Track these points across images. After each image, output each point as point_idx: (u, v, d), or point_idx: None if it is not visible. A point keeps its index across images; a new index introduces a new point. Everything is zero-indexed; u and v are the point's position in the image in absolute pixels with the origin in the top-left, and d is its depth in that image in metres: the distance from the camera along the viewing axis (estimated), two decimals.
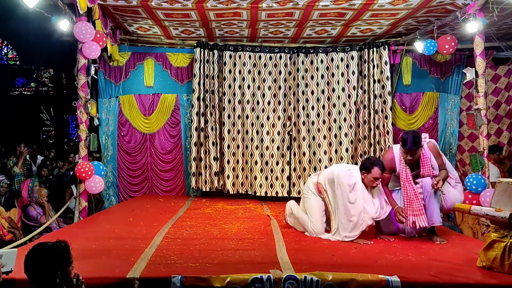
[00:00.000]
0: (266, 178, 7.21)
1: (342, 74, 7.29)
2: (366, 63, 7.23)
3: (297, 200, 4.87)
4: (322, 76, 7.32)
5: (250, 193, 7.26)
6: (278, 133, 7.28)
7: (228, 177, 7.24)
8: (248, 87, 7.30)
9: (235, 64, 7.32)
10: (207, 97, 7.26)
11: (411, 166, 4.22)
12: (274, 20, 6.35)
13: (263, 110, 7.31)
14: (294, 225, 4.60)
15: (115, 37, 7.03)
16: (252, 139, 7.28)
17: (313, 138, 7.28)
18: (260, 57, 7.34)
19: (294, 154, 7.23)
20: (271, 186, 7.20)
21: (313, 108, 7.30)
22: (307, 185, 4.58)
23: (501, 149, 6.95)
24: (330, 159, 7.24)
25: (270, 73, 7.33)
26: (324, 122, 7.31)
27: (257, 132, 7.29)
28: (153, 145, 7.60)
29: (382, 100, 7.17)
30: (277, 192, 7.18)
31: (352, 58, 7.28)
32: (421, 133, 4.36)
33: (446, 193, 4.23)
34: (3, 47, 18.73)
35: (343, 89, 7.28)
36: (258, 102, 7.31)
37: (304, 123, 7.28)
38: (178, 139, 7.65)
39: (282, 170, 7.20)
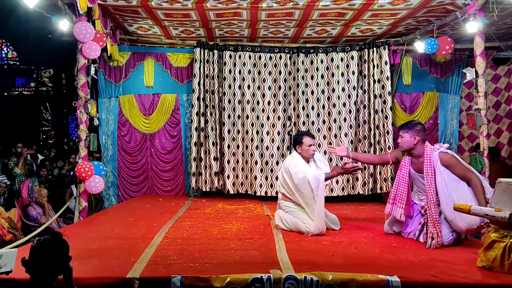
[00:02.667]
0: (266, 178, 7.21)
1: (342, 74, 7.30)
2: (366, 63, 7.24)
3: None
4: (322, 76, 7.32)
5: (250, 193, 7.26)
6: (278, 133, 7.28)
7: (228, 177, 7.24)
8: (248, 87, 7.30)
9: (235, 64, 7.32)
10: (207, 97, 7.26)
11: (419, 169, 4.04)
12: (274, 20, 6.35)
13: (263, 110, 7.31)
14: (289, 229, 4.58)
15: (115, 37, 7.03)
16: (252, 139, 7.28)
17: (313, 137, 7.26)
18: (260, 57, 7.34)
19: None
20: (271, 186, 7.20)
21: (313, 108, 7.30)
22: (278, 205, 4.77)
23: (499, 151, 6.89)
24: (330, 159, 7.24)
25: (270, 73, 7.34)
26: (324, 122, 7.31)
27: (257, 132, 7.29)
28: (153, 145, 7.60)
29: (382, 100, 7.17)
30: (277, 192, 7.16)
31: (352, 58, 7.28)
32: (419, 124, 4.11)
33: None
34: (3, 47, 18.74)
35: (343, 89, 7.28)
36: (258, 102, 7.31)
37: (304, 123, 7.28)
38: (178, 139, 7.66)
39: None
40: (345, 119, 7.27)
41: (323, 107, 7.31)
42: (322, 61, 7.33)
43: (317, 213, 4.36)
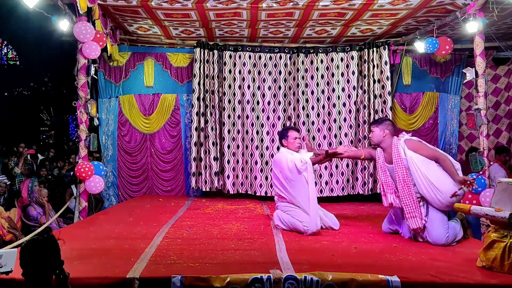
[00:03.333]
0: (266, 178, 7.21)
1: (342, 74, 7.29)
2: (366, 63, 7.24)
3: None
4: (322, 76, 7.32)
5: (250, 193, 7.26)
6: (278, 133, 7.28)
7: (228, 177, 7.24)
8: (248, 87, 7.30)
9: (235, 64, 7.32)
10: (207, 97, 7.26)
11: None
12: (274, 20, 6.35)
13: (263, 110, 7.31)
14: (288, 229, 4.59)
15: (115, 37, 7.03)
16: (252, 139, 7.28)
17: (313, 138, 7.27)
18: (260, 57, 7.34)
19: None
20: (271, 186, 7.18)
21: (313, 108, 7.30)
22: (276, 205, 4.81)
23: (508, 150, 6.86)
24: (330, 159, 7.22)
25: (270, 73, 7.33)
26: (324, 122, 7.31)
27: (257, 132, 7.29)
28: (153, 145, 7.60)
29: (382, 100, 7.17)
30: None
31: (352, 58, 7.28)
32: (389, 120, 4.49)
33: (441, 187, 3.99)
34: (3, 47, 18.74)
35: (343, 89, 7.28)
36: (258, 102, 7.32)
37: (304, 123, 7.28)
38: (178, 139, 7.66)
39: None
40: (345, 119, 7.27)
41: (323, 107, 7.30)
42: (322, 61, 7.33)
43: (311, 202, 4.44)
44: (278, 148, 7.21)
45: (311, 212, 4.43)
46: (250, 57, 7.32)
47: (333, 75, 7.30)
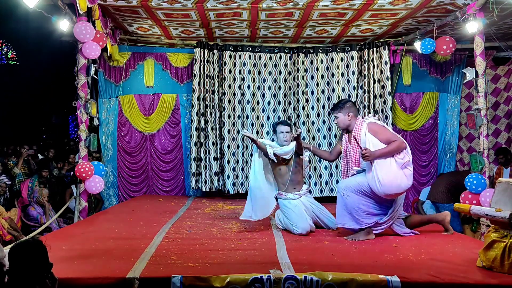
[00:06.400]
0: None
1: (342, 74, 7.29)
2: (366, 63, 7.23)
3: None
4: (322, 76, 7.32)
5: None
6: None
7: (228, 177, 7.24)
8: (248, 87, 7.30)
9: (235, 64, 7.32)
10: (207, 97, 7.26)
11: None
12: (274, 20, 6.35)
13: (263, 110, 7.32)
14: (284, 228, 4.60)
15: (115, 37, 7.03)
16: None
17: (313, 138, 7.28)
18: (260, 57, 7.34)
19: None
20: None
21: (313, 108, 7.30)
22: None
23: (506, 152, 6.85)
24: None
25: (270, 73, 7.33)
26: (324, 122, 7.31)
27: (257, 132, 7.29)
28: (153, 145, 7.60)
29: (382, 100, 7.17)
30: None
31: (352, 58, 7.27)
32: (349, 101, 4.40)
33: (382, 173, 3.95)
34: (3, 47, 18.73)
35: (343, 89, 7.28)
36: (258, 102, 7.32)
37: (304, 123, 7.28)
38: (178, 139, 7.66)
39: None
40: None
41: (323, 107, 7.30)
42: (322, 61, 7.33)
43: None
44: None
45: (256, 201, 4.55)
46: (250, 57, 7.32)
47: (333, 75, 7.30)
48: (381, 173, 3.96)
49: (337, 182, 7.17)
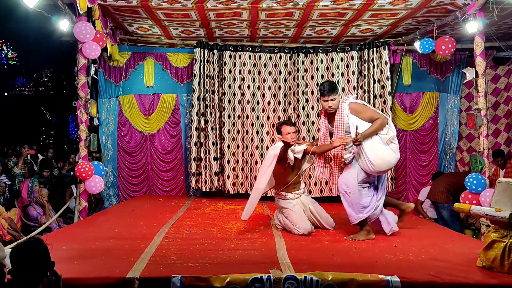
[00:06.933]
0: None
1: (342, 74, 7.29)
2: (366, 63, 7.23)
3: None
4: (322, 76, 7.32)
5: (250, 193, 7.21)
6: None
7: (228, 177, 7.23)
8: (248, 87, 7.30)
9: (235, 64, 7.32)
10: (207, 97, 7.26)
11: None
12: (274, 20, 6.35)
13: (263, 110, 7.31)
14: (283, 228, 4.60)
15: (115, 37, 7.03)
16: (252, 139, 7.28)
17: (313, 138, 7.27)
18: (260, 57, 7.34)
19: None
20: None
21: (313, 108, 7.30)
22: (276, 203, 4.76)
23: (502, 154, 6.85)
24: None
25: (270, 73, 7.33)
26: None
27: (257, 132, 7.29)
28: (153, 145, 7.60)
29: (382, 100, 7.17)
30: None
31: (352, 58, 7.27)
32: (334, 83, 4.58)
33: (371, 153, 4.06)
34: (3, 47, 18.73)
35: (343, 89, 7.27)
36: (258, 102, 7.32)
37: (304, 123, 7.27)
38: (178, 139, 7.66)
39: None
40: None
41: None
42: (322, 61, 7.32)
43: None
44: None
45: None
46: (250, 57, 7.32)
47: (333, 75, 7.30)
48: (370, 153, 4.06)
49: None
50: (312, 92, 7.30)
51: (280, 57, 7.34)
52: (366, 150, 4.07)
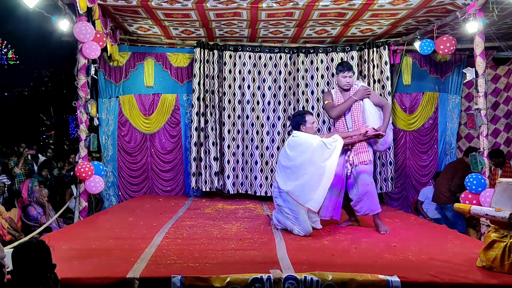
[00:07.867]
0: (266, 178, 7.21)
1: None
2: (366, 63, 7.23)
3: None
4: (322, 76, 7.32)
5: (250, 193, 7.26)
6: (278, 133, 7.28)
7: (228, 177, 7.24)
8: (248, 87, 7.30)
9: (235, 64, 7.32)
10: (207, 97, 7.26)
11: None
12: (274, 20, 6.35)
13: (263, 110, 7.31)
14: (283, 228, 4.57)
15: (115, 37, 7.03)
16: (252, 139, 7.28)
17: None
18: (260, 57, 7.34)
19: None
20: (271, 186, 7.19)
21: (313, 108, 7.30)
22: (275, 201, 4.68)
23: (500, 154, 6.83)
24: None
25: (270, 73, 7.33)
26: (324, 122, 7.31)
27: (257, 132, 7.29)
28: (153, 145, 7.60)
29: None
30: None
31: (352, 58, 7.27)
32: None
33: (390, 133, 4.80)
34: (3, 47, 18.72)
35: None
36: (258, 102, 7.32)
37: None
38: (178, 139, 7.66)
39: None
40: None
41: (323, 107, 7.29)
42: (322, 61, 7.32)
43: (322, 187, 4.20)
44: (278, 148, 7.22)
45: (317, 196, 4.19)
46: (250, 57, 7.32)
47: (333, 75, 7.29)
48: (390, 135, 4.80)
49: None
50: (312, 92, 7.31)
51: (280, 57, 7.34)
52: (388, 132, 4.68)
